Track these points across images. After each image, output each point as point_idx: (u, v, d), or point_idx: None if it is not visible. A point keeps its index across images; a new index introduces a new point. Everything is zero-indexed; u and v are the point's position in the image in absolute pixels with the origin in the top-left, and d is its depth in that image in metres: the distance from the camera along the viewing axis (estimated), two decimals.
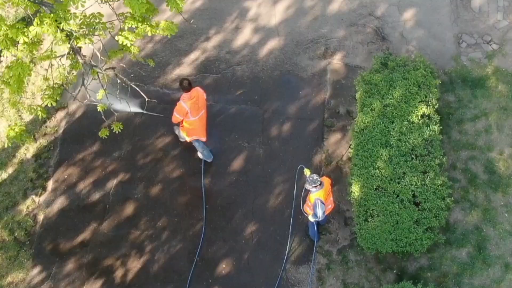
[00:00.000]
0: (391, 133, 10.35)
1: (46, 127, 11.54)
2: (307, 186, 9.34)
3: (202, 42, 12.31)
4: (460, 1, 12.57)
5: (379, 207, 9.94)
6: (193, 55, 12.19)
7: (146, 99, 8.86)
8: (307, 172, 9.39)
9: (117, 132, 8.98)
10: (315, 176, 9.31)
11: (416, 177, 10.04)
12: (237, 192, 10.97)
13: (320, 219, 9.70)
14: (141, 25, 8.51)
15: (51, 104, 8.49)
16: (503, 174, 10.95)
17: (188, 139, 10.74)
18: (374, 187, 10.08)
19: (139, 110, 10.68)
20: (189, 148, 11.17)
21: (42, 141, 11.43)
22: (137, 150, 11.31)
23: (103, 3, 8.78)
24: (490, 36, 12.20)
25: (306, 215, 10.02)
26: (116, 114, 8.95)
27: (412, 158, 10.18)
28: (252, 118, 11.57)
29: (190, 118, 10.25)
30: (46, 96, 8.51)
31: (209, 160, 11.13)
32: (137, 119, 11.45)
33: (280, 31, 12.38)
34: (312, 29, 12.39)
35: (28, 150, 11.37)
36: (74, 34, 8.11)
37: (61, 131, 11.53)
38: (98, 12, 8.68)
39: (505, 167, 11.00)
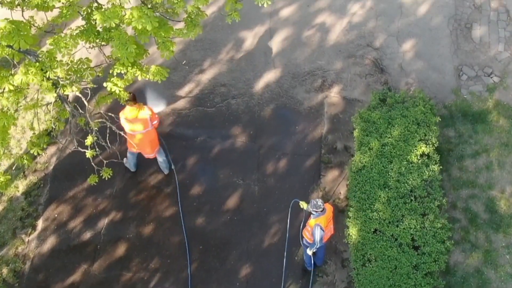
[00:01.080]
0: (390, 173, 10.07)
1: (36, 163, 11.26)
2: (309, 209, 9.19)
3: (196, 74, 12.05)
4: (460, 31, 12.30)
5: (377, 252, 9.65)
6: (187, 88, 11.92)
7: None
8: (303, 205, 9.23)
9: (106, 178, 8.74)
10: (319, 202, 9.17)
11: (415, 220, 9.76)
12: (231, 232, 10.69)
13: (317, 246, 9.48)
14: (131, 69, 8.26)
15: (37, 152, 8.23)
16: (505, 213, 10.67)
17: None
18: (372, 230, 9.80)
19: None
20: (183, 185, 10.91)
21: (32, 178, 11.16)
22: (129, 188, 11.03)
23: (91, 48, 8.51)
24: (491, 68, 11.93)
25: (302, 244, 9.82)
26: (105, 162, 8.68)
27: (411, 200, 9.90)
28: (247, 153, 11.30)
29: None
30: (32, 145, 8.25)
31: (131, 170, 11.06)
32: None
33: (276, 62, 12.11)
34: (309, 61, 12.12)
35: (17, 187, 11.09)
36: (61, 82, 7.86)
37: (51, 167, 11.26)
38: (86, 58, 8.43)
39: (506, 206, 10.71)
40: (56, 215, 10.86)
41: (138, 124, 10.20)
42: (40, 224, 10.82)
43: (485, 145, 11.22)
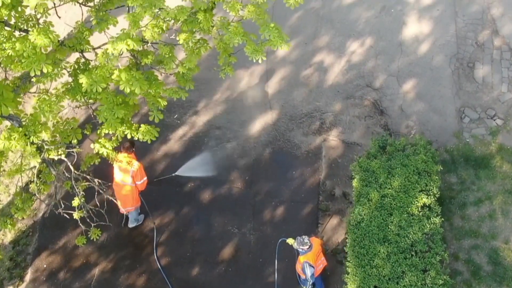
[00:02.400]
0: (390, 227, 9.71)
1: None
2: (295, 246, 9.29)
3: (190, 116, 11.72)
4: (463, 70, 11.95)
5: None
6: (181, 131, 11.58)
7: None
8: (290, 241, 9.34)
9: (95, 239, 8.41)
10: (305, 239, 9.25)
11: (416, 277, 9.38)
12: (226, 284, 10.34)
13: (311, 282, 9.48)
14: (120, 127, 7.91)
15: (22, 217, 7.90)
16: (508, 265, 10.31)
17: None
18: (371, 287, 9.44)
19: None
20: (176, 235, 10.58)
21: (21, 226, 10.82)
22: (120, 237, 10.68)
23: (78, 107, 8.19)
24: (494, 110, 11.58)
25: (300, 282, 9.71)
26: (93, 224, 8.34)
27: (412, 255, 9.53)
28: (242, 201, 10.95)
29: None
30: (16, 209, 7.91)
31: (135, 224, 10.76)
32: None
33: (273, 104, 11.77)
34: (306, 102, 11.79)
35: (5, 236, 10.76)
36: (46, 147, 7.52)
37: (40, 214, 10.91)
38: (73, 118, 8.11)
39: (510, 257, 10.35)
40: (45, 266, 10.52)
41: (123, 175, 9.86)
42: (28, 275, 10.48)
43: (488, 192, 10.86)
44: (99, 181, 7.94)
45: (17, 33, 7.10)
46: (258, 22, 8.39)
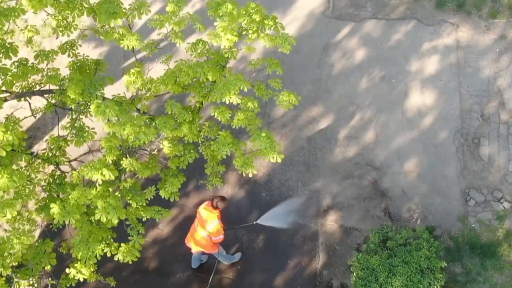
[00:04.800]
0: None
1: None
2: None
3: (181, 197, 11.05)
4: (467, 147, 11.31)
5: None
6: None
7: None
8: None
9: None
10: None
11: None
12: None
13: None
14: (98, 246, 7.30)
15: None
16: None
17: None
18: None
19: None
20: None
21: None
22: None
23: (51, 227, 7.58)
24: (501, 192, 10.94)
25: None
26: None
27: None
28: None
29: None
30: None
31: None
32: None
33: (267, 185, 11.13)
34: (302, 183, 11.14)
35: None
36: (16, 279, 6.91)
37: None
38: (48, 239, 7.49)
39: None
40: None
41: (200, 226, 9.46)
42: None
43: (495, 284, 10.22)
44: None
45: None
46: (249, 128, 7.82)
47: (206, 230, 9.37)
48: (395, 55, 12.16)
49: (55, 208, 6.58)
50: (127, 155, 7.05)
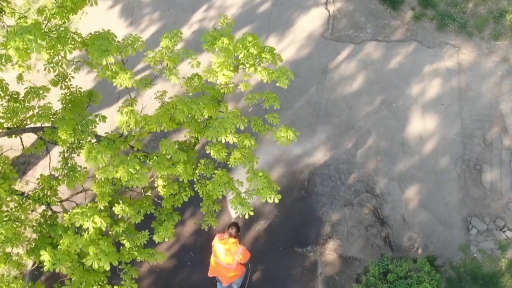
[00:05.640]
0: None
1: None
2: None
3: (176, 227, 10.85)
4: (469, 173, 11.10)
5: None
6: (165, 244, 10.71)
7: None
8: None
9: None
10: None
11: None
12: None
13: None
14: None
15: None
16: None
17: None
18: None
19: None
20: None
21: None
22: None
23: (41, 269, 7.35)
24: (504, 220, 10.73)
25: None
26: None
27: None
28: None
29: None
30: None
31: None
32: None
33: (265, 213, 10.92)
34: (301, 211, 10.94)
35: None
36: None
37: None
38: (38, 282, 7.27)
39: None
40: None
41: (229, 258, 9.28)
42: None
43: None
44: None
45: None
46: (245, 166, 7.61)
47: (235, 260, 9.25)
48: (395, 78, 11.96)
49: (45, 256, 6.37)
50: (120, 201, 6.84)
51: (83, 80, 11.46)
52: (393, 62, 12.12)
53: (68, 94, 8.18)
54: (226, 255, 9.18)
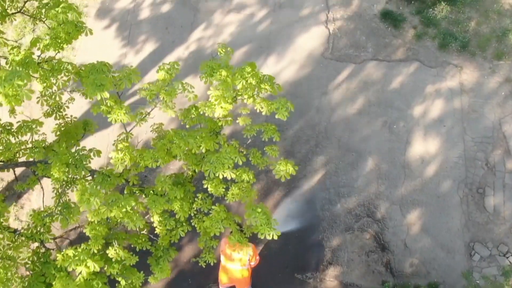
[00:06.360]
0: None
1: None
2: None
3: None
4: (472, 197, 10.92)
5: None
6: None
7: None
8: None
9: None
10: None
11: None
12: None
13: None
14: None
15: None
16: None
17: None
18: None
19: None
20: None
21: None
22: None
23: None
24: (507, 246, 10.55)
25: None
26: None
27: None
28: None
29: None
30: None
31: None
32: None
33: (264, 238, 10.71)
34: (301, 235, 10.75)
35: None
36: None
37: None
38: None
39: None
40: None
41: (239, 262, 9.23)
42: None
43: None
44: None
45: None
46: (244, 200, 7.44)
47: (247, 260, 9.22)
48: (396, 98, 11.77)
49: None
50: (114, 241, 6.66)
51: (78, 102, 11.23)
52: (394, 82, 11.94)
53: (62, 124, 7.99)
54: (236, 260, 9.16)
